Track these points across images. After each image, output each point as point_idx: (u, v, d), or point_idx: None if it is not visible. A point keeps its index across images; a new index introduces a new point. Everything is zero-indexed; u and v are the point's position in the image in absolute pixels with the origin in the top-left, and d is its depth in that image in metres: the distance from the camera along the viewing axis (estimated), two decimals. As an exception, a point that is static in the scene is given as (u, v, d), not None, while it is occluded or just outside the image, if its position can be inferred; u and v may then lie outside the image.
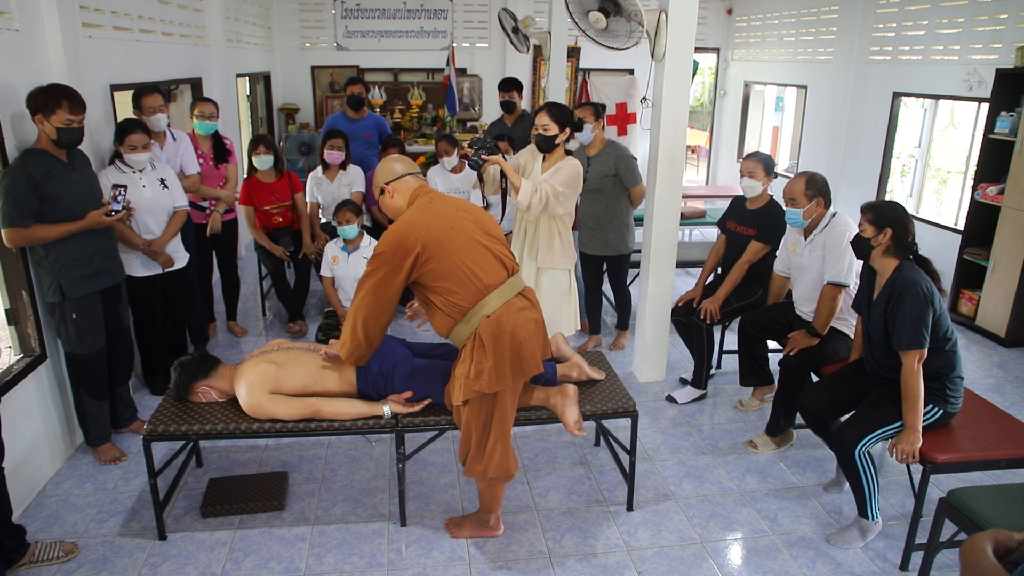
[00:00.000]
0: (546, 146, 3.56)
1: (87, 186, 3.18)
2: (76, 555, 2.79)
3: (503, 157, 3.42)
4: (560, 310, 3.71)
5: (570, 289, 3.74)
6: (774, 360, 3.90)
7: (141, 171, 3.63)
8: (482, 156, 3.32)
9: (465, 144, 3.45)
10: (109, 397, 3.45)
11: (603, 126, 4.37)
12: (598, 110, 4.31)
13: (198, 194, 4.37)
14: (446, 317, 2.58)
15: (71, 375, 3.33)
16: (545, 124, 3.50)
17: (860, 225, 2.83)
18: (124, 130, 3.55)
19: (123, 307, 3.51)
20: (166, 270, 3.82)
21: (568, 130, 3.54)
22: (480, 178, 3.48)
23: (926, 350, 2.66)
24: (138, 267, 3.73)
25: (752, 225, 3.89)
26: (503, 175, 3.40)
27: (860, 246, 2.85)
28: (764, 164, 3.82)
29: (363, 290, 2.56)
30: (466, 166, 4.84)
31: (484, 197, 4.69)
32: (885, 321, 2.75)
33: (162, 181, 3.74)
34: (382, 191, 2.67)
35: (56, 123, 2.94)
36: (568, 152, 3.65)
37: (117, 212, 3.20)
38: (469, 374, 2.55)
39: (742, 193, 3.97)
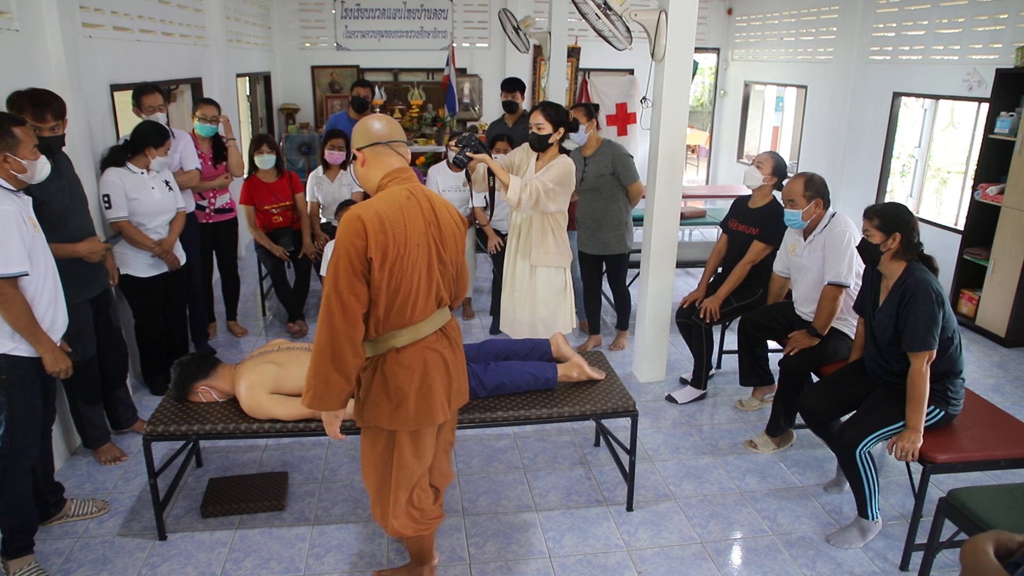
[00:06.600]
0: (539, 145, 3.57)
1: (72, 192, 3.05)
2: (107, 511, 3.04)
3: (490, 155, 3.41)
4: (556, 308, 3.71)
5: (566, 287, 3.74)
6: (774, 360, 3.90)
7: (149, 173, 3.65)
8: (467, 154, 3.29)
9: (451, 143, 3.43)
10: (104, 400, 3.44)
11: (597, 125, 4.38)
12: (590, 110, 4.32)
13: (198, 190, 4.37)
14: None
15: (64, 381, 3.29)
16: (539, 123, 3.51)
17: (866, 231, 2.78)
18: (144, 140, 3.57)
19: (112, 309, 3.44)
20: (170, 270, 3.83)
21: (562, 130, 3.55)
22: (468, 176, 3.48)
23: (935, 351, 2.66)
24: (144, 267, 3.73)
25: (754, 224, 3.89)
26: (491, 172, 3.38)
27: (867, 252, 2.80)
28: (774, 161, 3.84)
29: (326, 292, 2.11)
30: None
31: (472, 195, 4.68)
32: (896, 322, 2.72)
33: (167, 183, 3.79)
34: (353, 156, 2.30)
35: None
36: (566, 152, 3.65)
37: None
38: (362, 397, 2.28)
39: (743, 190, 3.97)
